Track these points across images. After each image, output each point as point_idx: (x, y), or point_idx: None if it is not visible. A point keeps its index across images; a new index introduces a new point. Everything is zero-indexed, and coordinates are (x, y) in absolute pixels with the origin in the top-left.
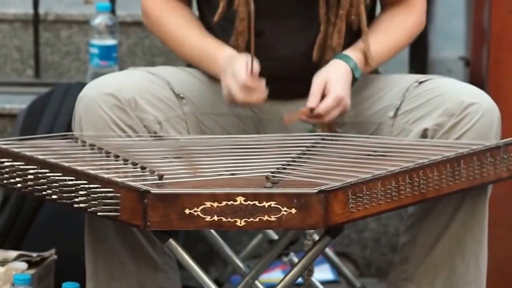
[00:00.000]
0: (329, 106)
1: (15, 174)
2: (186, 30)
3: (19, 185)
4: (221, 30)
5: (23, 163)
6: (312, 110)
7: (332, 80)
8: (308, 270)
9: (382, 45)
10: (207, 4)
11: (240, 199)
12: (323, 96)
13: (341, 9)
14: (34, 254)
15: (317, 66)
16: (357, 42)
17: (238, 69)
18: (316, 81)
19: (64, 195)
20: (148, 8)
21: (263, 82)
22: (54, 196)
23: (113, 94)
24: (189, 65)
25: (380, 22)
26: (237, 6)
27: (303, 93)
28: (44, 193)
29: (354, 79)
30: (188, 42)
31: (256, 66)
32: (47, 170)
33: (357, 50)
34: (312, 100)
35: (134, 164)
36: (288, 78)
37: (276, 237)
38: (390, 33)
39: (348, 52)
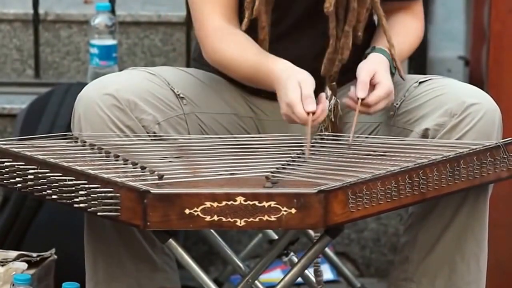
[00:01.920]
0: (379, 97)
1: (15, 174)
2: (242, 49)
3: (19, 185)
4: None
5: (23, 163)
6: (362, 99)
7: (381, 71)
8: (317, 282)
9: (403, 47)
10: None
11: (240, 199)
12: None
13: (346, 25)
14: (34, 254)
15: (322, 78)
16: (378, 40)
17: (295, 103)
18: (364, 71)
19: (64, 195)
20: (204, 36)
21: (319, 110)
22: (54, 196)
23: (113, 95)
24: (189, 65)
25: (394, 26)
26: (257, 15)
27: None
28: (44, 193)
29: (391, 75)
30: (244, 61)
31: (310, 93)
32: (47, 170)
33: (385, 47)
34: (362, 89)
35: (134, 164)
36: None
37: (276, 237)
38: (405, 36)
39: (383, 47)
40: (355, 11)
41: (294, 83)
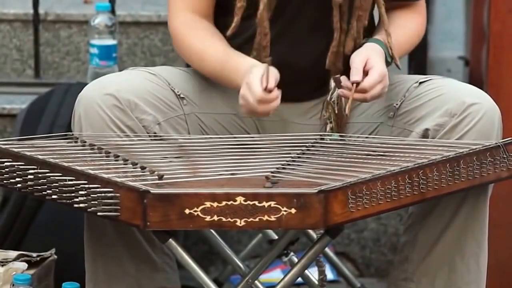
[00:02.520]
0: (374, 81)
1: (15, 174)
2: (209, 46)
3: (19, 185)
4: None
5: (23, 163)
6: (357, 85)
7: (373, 57)
8: (321, 280)
9: (400, 38)
10: (223, 24)
11: (240, 199)
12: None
13: (353, 19)
14: (34, 254)
15: (323, 72)
16: (380, 32)
17: (253, 80)
18: (357, 57)
19: (64, 195)
20: (173, 27)
21: (278, 93)
22: (54, 196)
23: (113, 95)
24: (189, 65)
25: (394, 19)
26: (259, 21)
27: (307, 95)
28: (44, 193)
29: (387, 63)
30: (211, 56)
31: (274, 78)
32: (47, 170)
33: (383, 37)
34: (356, 73)
35: (134, 164)
36: (293, 83)
37: (276, 237)
38: (404, 29)
39: (379, 37)
40: (361, 2)
41: (259, 68)
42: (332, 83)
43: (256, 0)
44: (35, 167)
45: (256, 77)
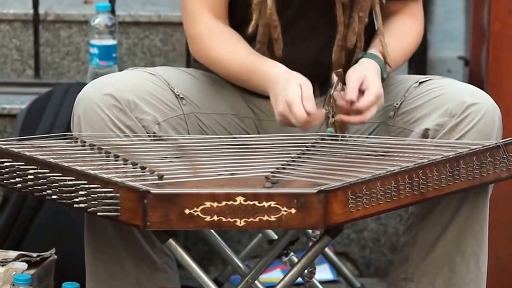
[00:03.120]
0: (370, 102)
1: (15, 174)
2: (234, 51)
3: (19, 185)
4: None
5: (23, 163)
6: (351, 103)
7: (370, 76)
8: (309, 272)
9: (397, 49)
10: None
11: (240, 199)
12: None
13: (355, 12)
14: (34, 254)
15: (325, 70)
16: (374, 43)
17: (295, 102)
18: (353, 75)
19: (64, 195)
20: (192, 28)
21: (321, 112)
22: (54, 196)
23: (112, 95)
24: (189, 65)
25: (390, 27)
26: (269, 15)
27: None
28: (44, 193)
29: (382, 80)
30: (235, 61)
31: (310, 94)
32: (47, 170)
33: (378, 47)
34: (352, 92)
35: (134, 164)
36: None
37: (275, 237)
38: (401, 38)
39: (375, 52)
40: None
41: (295, 83)
42: (335, 77)
43: None
44: (35, 167)
45: (296, 98)
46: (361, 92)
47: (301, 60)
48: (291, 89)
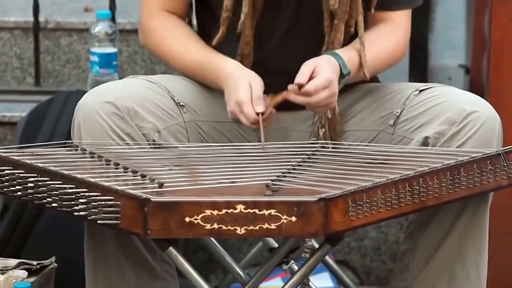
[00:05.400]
0: (318, 85)
1: (15, 182)
2: (186, 45)
3: (19, 193)
4: (227, 49)
5: (23, 171)
6: (300, 88)
7: (322, 65)
8: (302, 284)
9: (368, 57)
10: (212, 24)
11: (240, 207)
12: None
13: (336, 19)
14: (34, 262)
15: None
16: (350, 45)
17: (244, 102)
18: (305, 64)
19: (64, 203)
20: (148, 24)
21: (270, 112)
22: (54, 204)
23: (112, 102)
24: None
25: (368, 36)
26: (241, 30)
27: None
28: (44, 201)
29: (342, 76)
30: (188, 57)
31: (260, 93)
32: (47, 178)
33: (349, 50)
34: (301, 77)
35: (134, 172)
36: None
37: (276, 245)
38: (375, 48)
39: (337, 50)
40: (347, 4)
41: (245, 83)
42: None
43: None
44: (35, 175)
45: (246, 98)
46: (311, 79)
47: (293, 70)
48: (241, 89)
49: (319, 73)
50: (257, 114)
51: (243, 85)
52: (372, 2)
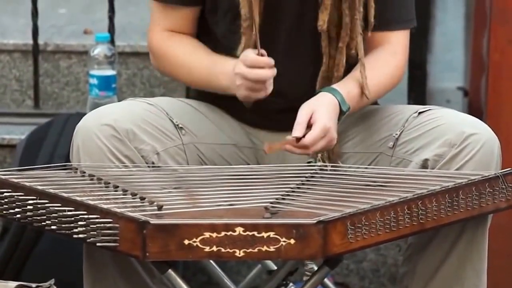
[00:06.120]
0: (315, 137)
1: (14, 205)
2: (194, 55)
3: (18, 215)
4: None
5: (22, 194)
6: (298, 140)
7: (319, 111)
8: None
9: (372, 81)
10: (208, 39)
11: (239, 230)
12: (309, 126)
13: (340, 42)
14: (34, 285)
15: None
16: (350, 73)
17: (246, 52)
18: (302, 111)
19: (63, 225)
20: (155, 44)
21: (271, 60)
22: (53, 227)
23: (111, 125)
24: (188, 95)
25: (368, 61)
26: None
27: None
28: (43, 223)
29: (342, 113)
30: (197, 65)
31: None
32: (46, 201)
33: (348, 82)
34: (298, 129)
35: (133, 194)
36: (287, 111)
37: (275, 267)
38: (376, 70)
39: (336, 85)
40: (348, 27)
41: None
42: None
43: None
44: (34, 197)
45: (247, 52)
46: (310, 126)
47: (294, 91)
48: (238, 62)
49: (316, 122)
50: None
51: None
52: (369, 23)
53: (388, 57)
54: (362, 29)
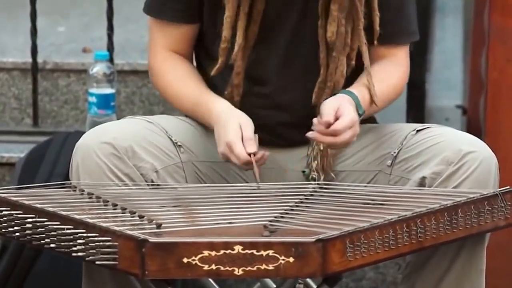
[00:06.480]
0: (346, 124)
1: (13, 223)
2: (183, 83)
3: (17, 233)
4: (221, 80)
5: (21, 212)
6: (327, 127)
7: (344, 105)
8: None
9: (381, 89)
10: (205, 56)
11: (238, 248)
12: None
13: (334, 51)
14: None
15: (315, 113)
16: (358, 80)
17: (234, 142)
18: (327, 105)
19: (62, 243)
20: (153, 65)
21: (262, 153)
22: (52, 245)
23: (110, 143)
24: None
25: (374, 73)
26: (234, 61)
27: (301, 141)
28: (42, 241)
29: (358, 116)
30: (184, 94)
31: (251, 135)
32: (45, 219)
33: (360, 88)
34: (328, 116)
35: (132, 212)
36: (286, 126)
37: (274, 285)
38: (383, 79)
39: (351, 89)
40: (347, 37)
41: (235, 124)
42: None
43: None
44: (33, 215)
45: (236, 138)
46: (336, 119)
47: (292, 105)
48: (231, 130)
49: (344, 114)
50: (249, 154)
51: (233, 126)
52: (375, 33)
53: (392, 68)
54: (367, 38)
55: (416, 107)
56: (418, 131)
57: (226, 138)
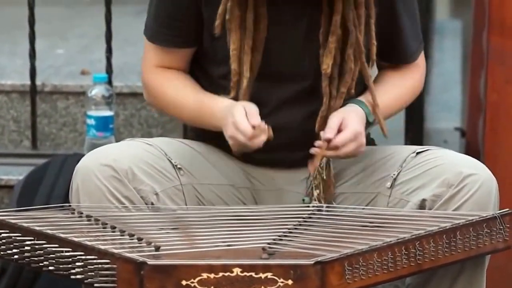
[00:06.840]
0: (346, 138)
1: (12, 245)
2: (183, 93)
3: (16, 256)
4: (221, 88)
5: (20, 235)
6: (328, 142)
7: (349, 117)
8: None
9: (388, 98)
10: (202, 73)
11: (236, 270)
12: (339, 132)
13: (342, 86)
14: None
15: (315, 135)
16: (366, 94)
17: (239, 120)
18: (333, 117)
19: (61, 266)
20: (147, 80)
21: (263, 125)
22: (51, 268)
23: (110, 165)
24: (186, 136)
25: (388, 78)
26: (243, 96)
27: (301, 162)
28: (41, 264)
29: (368, 124)
30: (186, 103)
31: (255, 113)
32: (44, 242)
33: (369, 97)
34: (329, 131)
35: (131, 235)
36: (285, 148)
37: None
38: (394, 87)
39: (361, 98)
40: (352, 71)
41: (238, 106)
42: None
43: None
44: (32, 238)
45: (241, 116)
46: (340, 131)
47: (288, 127)
48: (236, 112)
49: (347, 126)
50: (253, 127)
51: (237, 108)
52: (371, 60)
53: (411, 71)
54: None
55: (415, 129)
56: (418, 153)
57: (232, 119)
